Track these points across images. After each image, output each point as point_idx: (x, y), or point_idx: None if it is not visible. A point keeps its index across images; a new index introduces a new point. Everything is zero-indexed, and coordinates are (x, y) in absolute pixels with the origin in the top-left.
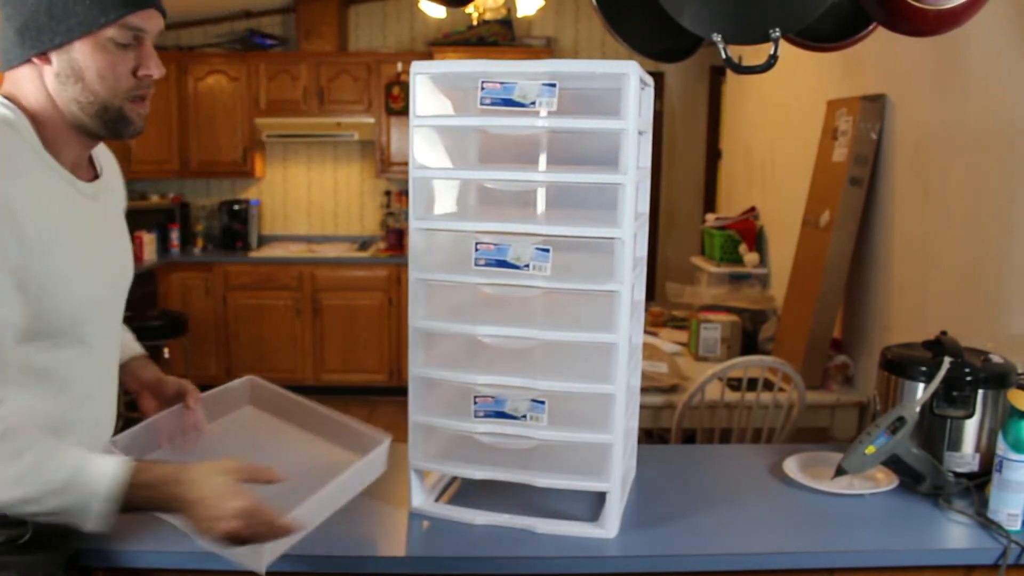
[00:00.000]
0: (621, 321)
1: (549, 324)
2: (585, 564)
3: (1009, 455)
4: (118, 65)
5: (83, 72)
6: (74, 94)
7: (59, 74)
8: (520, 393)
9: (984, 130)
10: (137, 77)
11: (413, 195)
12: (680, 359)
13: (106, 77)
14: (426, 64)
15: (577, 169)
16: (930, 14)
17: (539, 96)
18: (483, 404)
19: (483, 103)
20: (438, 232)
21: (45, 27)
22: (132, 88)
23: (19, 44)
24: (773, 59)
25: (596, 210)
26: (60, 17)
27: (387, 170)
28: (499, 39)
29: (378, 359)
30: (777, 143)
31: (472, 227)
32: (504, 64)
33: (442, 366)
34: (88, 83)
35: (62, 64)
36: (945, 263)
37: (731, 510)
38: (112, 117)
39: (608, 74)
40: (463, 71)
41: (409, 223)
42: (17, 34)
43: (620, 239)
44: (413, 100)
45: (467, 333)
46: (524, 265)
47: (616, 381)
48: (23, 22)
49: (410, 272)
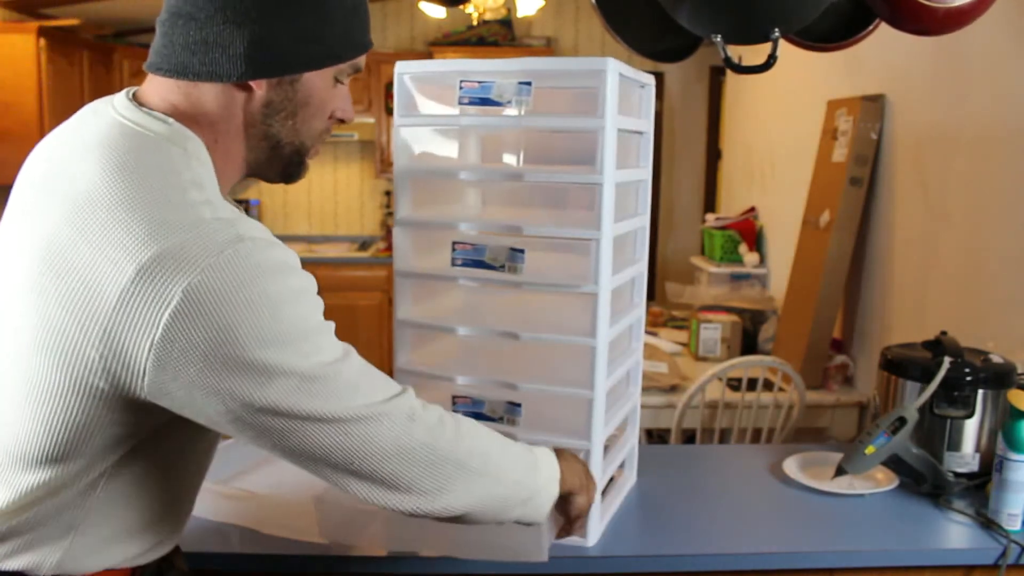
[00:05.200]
0: (600, 324)
1: (529, 327)
2: (585, 564)
3: (1009, 455)
4: (329, 104)
5: (303, 107)
6: (279, 129)
7: (271, 104)
8: (498, 394)
9: (984, 130)
10: (329, 119)
11: (397, 193)
12: (680, 359)
13: (319, 116)
14: (409, 64)
15: (571, 170)
16: (938, 12)
17: (516, 95)
18: (462, 405)
19: (461, 102)
20: (422, 231)
21: (284, 49)
22: (325, 130)
23: (243, 59)
24: (773, 59)
25: (581, 210)
26: (307, 42)
27: (387, 170)
28: (499, 39)
29: (378, 359)
30: (777, 143)
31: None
32: (482, 63)
33: (425, 366)
34: (301, 119)
35: (282, 94)
36: (945, 263)
37: (731, 510)
38: (298, 160)
39: (585, 71)
40: (443, 70)
41: (393, 221)
42: (249, 47)
43: (597, 240)
44: (397, 100)
45: (448, 329)
46: (500, 266)
47: (595, 386)
48: (258, 37)
49: (394, 269)
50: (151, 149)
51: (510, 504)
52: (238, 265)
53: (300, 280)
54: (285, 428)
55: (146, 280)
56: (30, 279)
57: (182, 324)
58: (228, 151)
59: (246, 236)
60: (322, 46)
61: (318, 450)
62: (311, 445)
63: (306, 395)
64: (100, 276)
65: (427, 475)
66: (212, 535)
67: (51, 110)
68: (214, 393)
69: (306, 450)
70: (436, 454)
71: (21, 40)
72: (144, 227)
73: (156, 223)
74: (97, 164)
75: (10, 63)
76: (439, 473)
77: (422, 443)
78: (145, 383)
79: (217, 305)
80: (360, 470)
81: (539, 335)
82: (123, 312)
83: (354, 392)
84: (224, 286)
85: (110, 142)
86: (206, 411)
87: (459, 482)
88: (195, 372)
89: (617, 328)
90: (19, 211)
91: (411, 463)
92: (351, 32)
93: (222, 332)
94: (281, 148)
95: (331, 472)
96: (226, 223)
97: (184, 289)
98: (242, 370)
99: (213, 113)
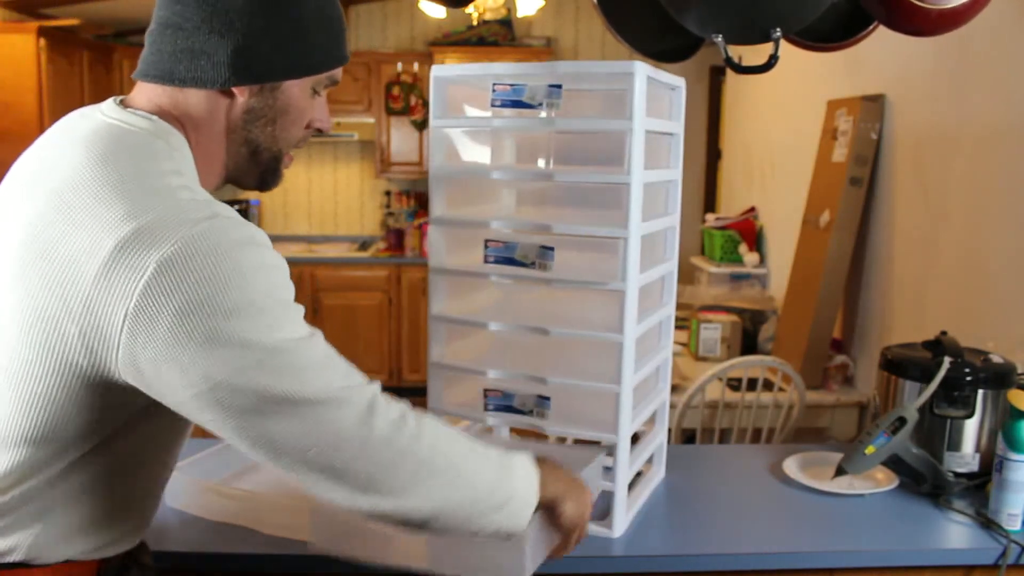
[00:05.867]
0: (628, 320)
1: (559, 323)
2: (587, 564)
3: (1009, 455)
4: (307, 113)
5: (282, 114)
6: (259, 135)
7: (252, 110)
8: (528, 388)
9: (984, 130)
10: (307, 128)
11: (432, 192)
12: (680, 359)
13: (297, 124)
14: (445, 68)
15: (600, 170)
16: (932, 13)
17: (546, 98)
18: (493, 398)
19: (494, 104)
20: (455, 229)
21: (266, 58)
22: (302, 139)
23: (226, 67)
24: (773, 59)
25: (611, 210)
26: (287, 52)
27: (387, 170)
28: (499, 39)
29: (378, 359)
30: (777, 143)
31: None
32: (514, 67)
33: (458, 360)
34: (280, 127)
35: (263, 101)
36: (945, 263)
37: (731, 510)
38: (274, 167)
39: (614, 74)
40: (478, 74)
41: (429, 219)
42: (232, 55)
43: (625, 239)
44: (433, 102)
45: (480, 324)
46: (530, 263)
47: (622, 381)
48: (242, 44)
49: (429, 266)
50: (134, 141)
51: (481, 509)
52: (212, 238)
53: (273, 257)
54: (243, 406)
55: (124, 253)
56: (14, 264)
57: (155, 293)
58: (209, 154)
59: (221, 214)
60: (301, 57)
61: (276, 435)
62: (267, 430)
63: (267, 370)
64: (81, 253)
65: (386, 472)
66: (211, 535)
67: (51, 110)
68: (178, 365)
69: (263, 435)
70: (394, 448)
71: (21, 40)
72: (124, 205)
73: (136, 202)
74: (81, 154)
75: (10, 63)
76: (399, 470)
77: (381, 436)
78: (119, 356)
79: (189, 274)
80: (315, 460)
81: (568, 331)
82: (101, 285)
83: (316, 373)
84: (197, 257)
85: (95, 137)
86: (171, 386)
87: (420, 481)
88: (163, 342)
89: (645, 325)
90: (4, 210)
91: (368, 456)
92: (328, 45)
93: (192, 302)
94: (260, 154)
95: (289, 463)
96: (203, 203)
97: (158, 260)
98: (208, 341)
99: (197, 117)
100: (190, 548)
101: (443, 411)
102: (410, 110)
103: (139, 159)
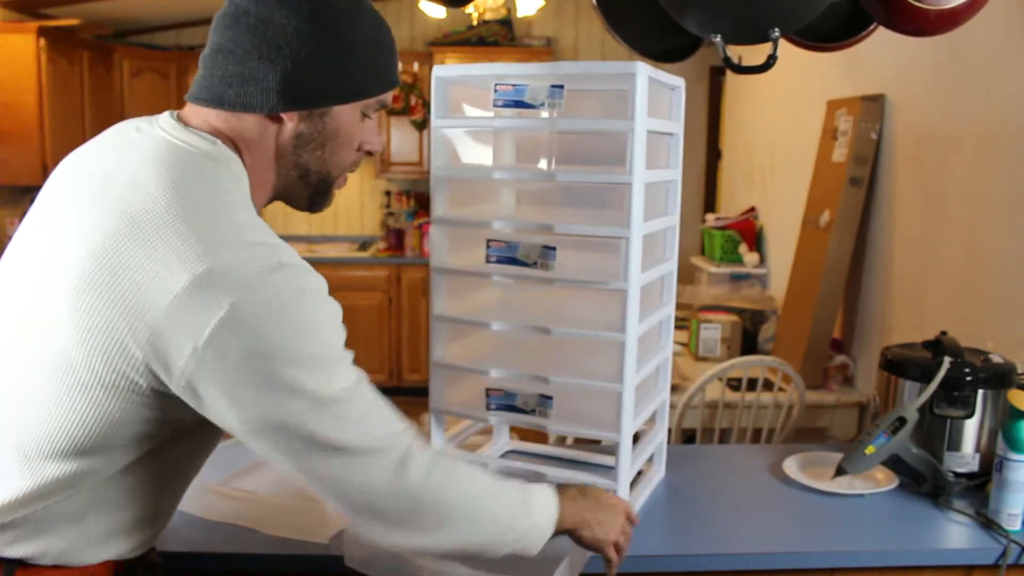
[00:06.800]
0: (630, 320)
1: (561, 322)
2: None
3: (1009, 455)
4: (356, 136)
5: (332, 139)
6: (309, 159)
7: (302, 135)
8: (530, 387)
9: (984, 130)
10: (357, 151)
11: (434, 192)
12: (680, 359)
13: (346, 147)
14: (446, 68)
15: (602, 170)
16: (930, 14)
17: (548, 98)
18: (495, 397)
19: (496, 104)
20: (457, 229)
21: (314, 84)
22: (354, 162)
23: (275, 93)
24: (773, 59)
25: (612, 210)
26: (336, 78)
27: (387, 170)
28: (499, 39)
29: (378, 359)
30: (777, 143)
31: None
32: (515, 67)
33: (460, 360)
34: (330, 151)
35: (312, 126)
36: (945, 263)
37: (731, 510)
38: (324, 190)
39: (615, 75)
40: (480, 74)
41: (431, 219)
42: (281, 82)
43: (626, 238)
44: (435, 102)
45: (482, 324)
46: (532, 263)
47: (624, 380)
48: (290, 71)
49: (431, 265)
50: (201, 168)
51: (498, 543)
52: (282, 288)
53: (332, 307)
54: (291, 446)
55: (199, 290)
56: (78, 276)
57: (226, 334)
58: (259, 176)
59: (287, 263)
60: (349, 82)
61: (319, 472)
62: (312, 466)
63: (318, 418)
64: (153, 279)
65: (417, 515)
66: (211, 535)
67: (51, 110)
68: (237, 402)
69: (305, 467)
70: (425, 493)
71: (21, 40)
72: (199, 241)
73: (210, 239)
74: (151, 176)
75: (10, 63)
76: (428, 513)
77: (414, 483)
78: (181, 383)
79: (259, 322)
80: (354, 500)
81: (570, 330)
82: (172, 317)
83: (359, 423)
84: (268, 305)
85: (162, 159)
86: (226, 416)
87: (448, 523)
88: (226, 380)
89: (646, 324)
90: (56, 217)
91: (402, 500)
92: (377, 70)
93: (259, 347)
94: (309, 177)
95: (328, 495)
96: (271, 248)
97: (232, 303)
98: (269, 385)
99: (249, 140)
100: (191, 548)
101: (445, 410)
102: (410, 110)
103: (211, 191)
